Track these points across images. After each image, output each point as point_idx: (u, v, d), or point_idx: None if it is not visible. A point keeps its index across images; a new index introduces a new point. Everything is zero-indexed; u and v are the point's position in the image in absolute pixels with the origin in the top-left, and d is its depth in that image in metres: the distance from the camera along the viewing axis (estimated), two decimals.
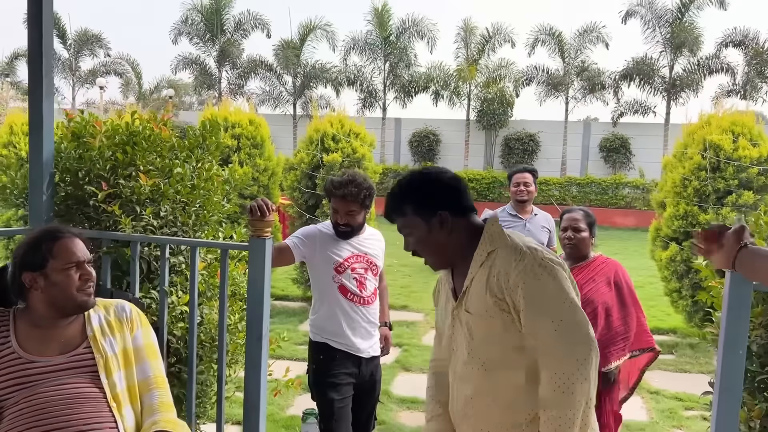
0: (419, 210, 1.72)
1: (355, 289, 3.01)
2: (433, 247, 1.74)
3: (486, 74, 24.65)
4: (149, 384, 1.94)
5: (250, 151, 7.78)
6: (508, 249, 1.66)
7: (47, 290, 1.85)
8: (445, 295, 1.86)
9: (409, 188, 1.77)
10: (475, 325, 1.68)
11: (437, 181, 1.76)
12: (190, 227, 3.08)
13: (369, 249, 3.10)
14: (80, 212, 2.96)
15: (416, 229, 1.73)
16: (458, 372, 1.75)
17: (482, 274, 1.68)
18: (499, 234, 1.72)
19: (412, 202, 1.73)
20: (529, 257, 1.62)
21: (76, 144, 3.00)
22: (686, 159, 6.92)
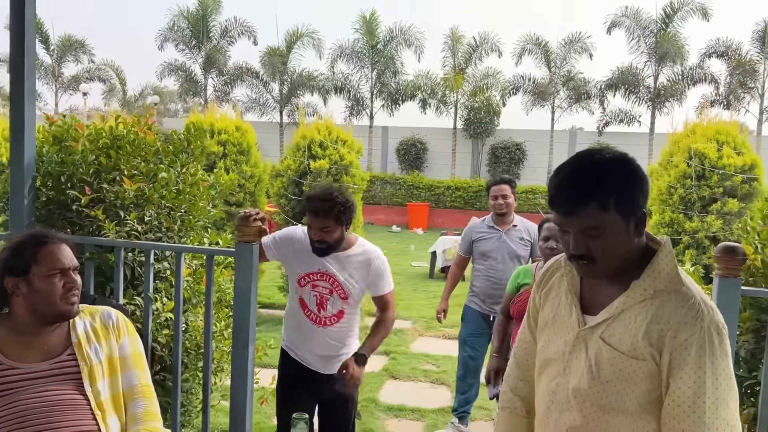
0: (624, 205, 1.36)
1: (313, 307, 2.84)
2: (617, 254, 1.40)
3: (473, 83, 24.79)
4: (135, 393, 1.89)
5: (236, 157, 7.72)
6: (681, 298, 1.39)
7: (29, 297, 1.79)
8: (564, 299, 1.56)
9: (615, 175, 1.38)
10: (611, 362, 1.42)
11: (643, 174, 1.41)
12: (175, 233, 3.04)
13: (340, 271, 2.81)
14: (62, 217, 2.91)
15: (611, 229, 1.37)
16: (561, 397, 1.51)
17: (640, 313, 1.40)
18: (674, 273, 1.42)
19: (620, 194, 1.36)
20: (707, 317, 1.36)
21: (58, 148, 2.95)
22: (672, 167, 6.97)
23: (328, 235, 2.72)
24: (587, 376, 1.45)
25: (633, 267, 1.42)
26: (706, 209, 6.68)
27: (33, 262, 1.79)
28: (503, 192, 4.17)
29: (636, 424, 1.40)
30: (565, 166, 1.44)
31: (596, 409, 1.44)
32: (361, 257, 2.87)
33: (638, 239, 1.42)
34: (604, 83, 24.15)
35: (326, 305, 2.83)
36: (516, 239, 4.15)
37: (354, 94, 25.54)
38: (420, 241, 15.86)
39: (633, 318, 1.41)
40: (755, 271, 2.57)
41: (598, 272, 1.45)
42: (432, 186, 21.45)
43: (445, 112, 25.07)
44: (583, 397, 1.45)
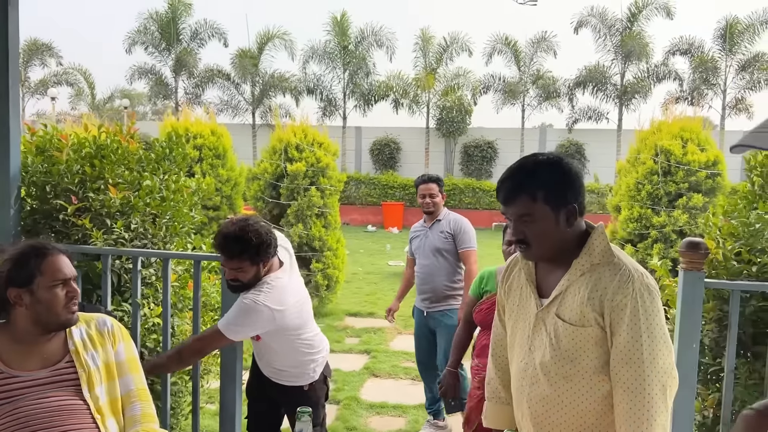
0: (552, 199, 1.60)
1: None
2: (548, 240, 1.63)
3: (444, 83, 24.99)
4: (131, 397, 1.96)
5: (212, 161, 7.75)
6: (614, 267, 1.60)
7: (33, 307, 1.84)
8: (525, 288, 1.77)
9: (546, 173, 1.62)
10: (566, 333, 1.62)
11: (574, 172, 1.64)
12: (161, 239, 3.09)
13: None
14: (48, 226, 2.94)
15: (540, 217, 1.60)
16: (530, 372, 1.70)
17: (582, 285, 1.62)
18: (606, 249, 1.63)
19: (548, 187, 1.60)
20: (637, 281, 1.57)
21: (42, 158, 2.98)
22: (639, 164, 7.20)
23: (242, 275, 2.55)
24: (549, 349, 1.65)
25: (573, 250, 1.65)
26: (672, 204, 6.91)
27: (37, 273, 1.85)
28: (430, 191, 4.25)
29: (595, 386, 1.61)
30: (512, 165, 1.69)
31: (560, 377, 1.64)
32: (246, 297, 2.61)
33: (572, 228, 1.63)
34: (572, 81, 24.55)
35: None
36: (437, 233, 4.22)
37: (326, 94, 25.56)
38: (396, 240, 15.98)
39: (577, 291, 1.62)
40: (717, 264, 2.72)
41: (534, 255, 1.70)
42: (406, 185, 21.58)
43: (417, 112, 25.24)
44: (548, 369, 1.65)
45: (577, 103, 24.83)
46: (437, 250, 4.20)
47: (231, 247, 2.51)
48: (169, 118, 8.81)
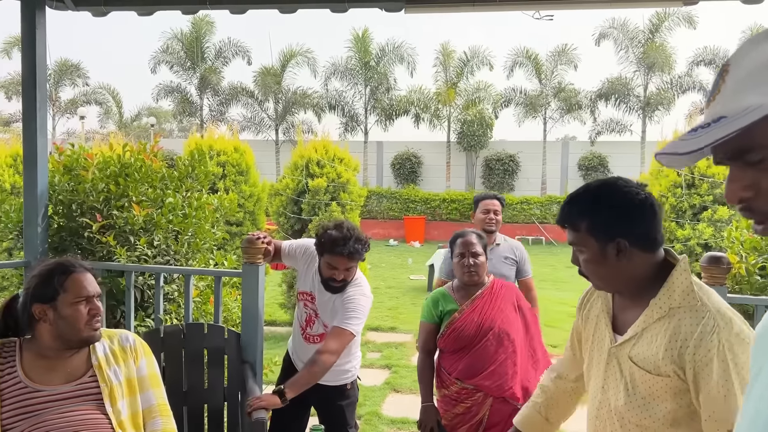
0: (594, 231, 1.50)
1: (302, 322, 2.91)
2: (602, 274, 1.53)
3: (465, 96, 25.02)
4: (153, 412, 1.99)
5: (235, 177, 7.85)
6: (696, 314, 1.44)
7: (56, 323, 1.89)
8: (600, 319, 1.66)
9: (590, 202, 1.53)
10: (641, 380, 1.50)
11: (624, 203, 1.50)
12: (183, 255, 3.15)
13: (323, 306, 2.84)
14: (74, 243, 3.02)
15: (587, 249, 1.52)
16: (603, 413, 1.61)
17: (659, 331, 1.48)
18: (689, 290, 1.47)
19: (589, 219, 1.51)
20: (724, 331, 1.40)
21: (69, 177, 3.06)
22: (662, 176, 7.12)
23: (347, 276, 2.74)
24: (623, 393, 1.53)
25: (649, 286, 1.51)
26: (696, 217, 6.81)
27: (61, 290, 1.90)
28: (494, 206, 3.88)
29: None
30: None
31: (634, 425, 1.52)
32: (339, 299, 2.81)
33: (634, 263, 1.50)
34: (594, 93, 24.42)
35: (312, 324, 2.90)
36: (500, 259, 3.77)
37: (348, 110, 25.75)
38: (417, 254, 15.96)
39: (654, 337, 1.48)
40: (740, 279, 2.69)
41: (595, 285, 1.59)
42: (427, 199, 21.59)
43: (438, 126, 25.28)
44: (622, 415, 1.54)
45: (600, 116, 24.69)
46: (503, 278, 3.58)
47: (360, 250, 2.71)
48: (193, 135, 8.96)
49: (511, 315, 2.86)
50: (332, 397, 2.92)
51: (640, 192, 1.51)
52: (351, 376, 2.95)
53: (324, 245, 2.72)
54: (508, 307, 2.87)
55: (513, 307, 2.90)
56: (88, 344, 1.95)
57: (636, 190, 1.51)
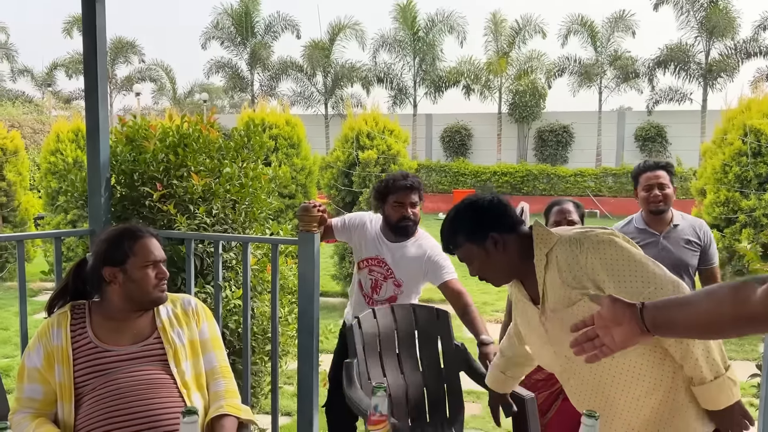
0: (471, 237, 1.80)
1: (368, 290, 2.96)
2: (494, 267, 1.82)
3: (517, 66, 24.53)
4: (215, 373, 2.05)
5: (287, 150, 7.92)
6: (563, 243, 1.72)
7: (125, 285, 1.96)
8: (526, 307, 1.88)
9: (457, 220, 1.85)
10: (568, 318, 1.66)
11: (480, 208, 1.83)
12: (240, 224, 3.19)
13: (396, 262, 2.91)
14: (136, 212, 3.10)
15: (474, 255, 1.81)
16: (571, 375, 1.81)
17: (551, 276, 1.73)
18: (547, 234, 1.77)
19: (463, 232, 1.82)
20: (587, 240, 1.68)
21: (130, 147, 3.13)
22: (726, 145, 6.83)
23: (416, 211, 2.88)
24: (566, 341, 1.59)
25: (529, 258, 1.77)
26: (763, 186, 6.53)
27: (130, 254, 1.96)
28: (660, 179, 3.07)
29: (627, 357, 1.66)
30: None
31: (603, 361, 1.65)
32: (415, 251, 2.92)
33: (509, 248, 1.78)
34: (652, 61, 23.56)
35: (380, 290, 2.95)
36: (680, 243, 3.08)
37: (397, 83, 25.60)
38: None
39: (550, 283, 1.73)
40: None
41: (498, 280, 1.86)
42: (478, 172, 21.39)
43: (489, 97, 24.90)
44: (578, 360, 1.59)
45: (658, 84, 23.85)
46: (684, 267, 3.05)
47: (411, 180, 2.84)
48: (246, 110, 9.07)
49: None
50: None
51: (483, 196, 1.86)
52: None
53: (386, 188, 2.89)
54: None
55: None
56: (155, 305, 2.01)
57: (480, 196, 1.86)
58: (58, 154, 8.48)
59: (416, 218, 2.90)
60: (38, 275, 8.02)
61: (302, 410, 2.87)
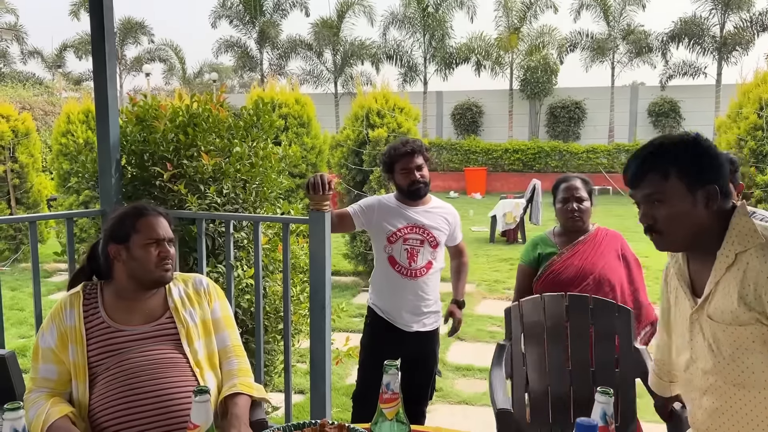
0: (687, 176, 1.43)
1: (404, 261, 2.98)
2: (686, 224, 1.45)
3: (528, 42, 24.23)
4: (228, 352, 2.05)
5: (297, 130, 7.90)
6: (762, 253, 1.39)
7: (128, 263, 1.97)
8: (679, 291, 1.62)
9: (679, 149, 1.46)
10: (723, 336, 1.45)
11: (712, 150, 1.47)
12: (251, 204, 3.19)
13: (428, 221, 3.00)
14: (147, 192, 3.10)
15: (675, 197, 1.43)
16: (697, 383, 1.56)
17: (730, 280, 1.43)
18: (751, 231, 1.43)
19: (682, 164, 1.43)
20: None
21: (140, 127, 3.12)
22: (741, 119, 6.73)
23: (423, 173, 2.94)
24: (709, 355, 1.48)
25: (718, 239, 1.46)
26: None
27: (133, 231, 1.97)
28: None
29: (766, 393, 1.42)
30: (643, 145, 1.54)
31: (731, 386, 1.46)
32: (441, 210, 3.09)
33: (713, 212, 1.44)
34: (666, 35, 23.18)
35: (417, 257, 2.97)
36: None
37: (407, 60, 25.38)
38: (479, 206, 15.82)
39: (725, 287, 1.43)
40: None
41: (669, 244, 1.52)
42: (489, 150, 21.26)
43: (500, 74, 24.65)
44: (714, 378, 1.48)
45: (672, 58, 23.50)
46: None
47: (411, 145, 2.92)
48: (255, 89, 9.03)
49: (614, 262, 2.77)
50: (426, 341, 3.07)
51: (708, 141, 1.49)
52: (439, 317, 3.13)
53: (390, 158, 2.97)
54: (612, 254, 2.79)
55: (617, 254, 2.80)
56: (159, 285, 2.01)
57: (706, 139, 1.50)
58: (69, 136, 8.51)
59: (425, 179, 2.96)
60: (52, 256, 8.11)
61: (315, 388, 2.89)
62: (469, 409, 4.07)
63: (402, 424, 1.20)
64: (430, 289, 3.05)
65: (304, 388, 4.09)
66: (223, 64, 32.28)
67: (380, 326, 3.05)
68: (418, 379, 3.11)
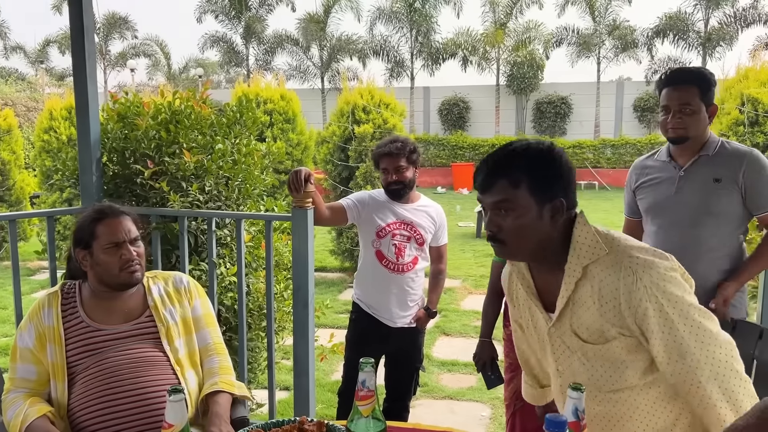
0: (537, 188, 1.39)
1: (392, 255, 3.00)
2: (529, 237, 1.42)
3: (514, 37, 24.28)
4: (209, 350, 2.05)
5: (282, 126, 7.87)
6: (612, 266, 1.39)
7: (94, 268, 1.96)
8: (529, 303, 1.58)
9: (532, 159, 1.41)
10: (593, 351, 1.45)
11: (563, 161, 1.43)
12: (234, 201, 3.18)
13: (416, 218, 3.03)
14: (128, 190, 3.08)
15: (521, 208, 1.39)
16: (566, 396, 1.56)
17: (586, 296, 1.42)
18: (593, 242, 1.42)
19: (532, 176, 1.39)
20: (644, 273, 1.36)
21: (121, 125, 3.10)
22: (723, 114, 6.79)
23: (403, 174, 2.95)
24: (581, 369, 1.48)
25: (562, 251, 1.44)
26: None
27: (93, 236, 1.95)
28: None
29: (649, 393, 1.45)
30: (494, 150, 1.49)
31: (605, 393, 1.47)
32: (429, 208, 3.11)
33: (558, 224, 1.42)
34: (651, 30, 23.34)
35: (404, 253, 3.00)
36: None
37: (393, 55, 25.36)
38: (465, 201, 15.86)
39: (584, 303, 1.42)
40: None
41: (510, 253, 1.48)
42: (476, 145, 21.30)
43: (487, 69, 24.71)
44: (589, 388, 1.47)
45: (657, 54, 23.66)
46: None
47: (393, 146, 2.93)
48: (240, 85, 8.97)
49: None
50: (410, 336, 3.10)
51: (565, 153, 1.45)
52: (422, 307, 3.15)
53: (376, 154, 3.01)
54: None
55: None
56: (127, 287, 1.99)
57: (563, 151, 1.45)
58: (52, 132, 8.43)
59: (405, 181, 2.96)
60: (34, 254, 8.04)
61: (299, 385, 2.90)
62: (455, 404, 4.09)
63: (378, 421, 1.21)
64: (415, 284, 3.07)
65: (289, 384, 4.09)
66: (209, 59, 32.08)
67: (365, 322, 3.06)
68: (402, 374, 3.12)
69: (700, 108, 2.35)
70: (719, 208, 2.33)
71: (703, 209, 2.34)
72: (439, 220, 3.13)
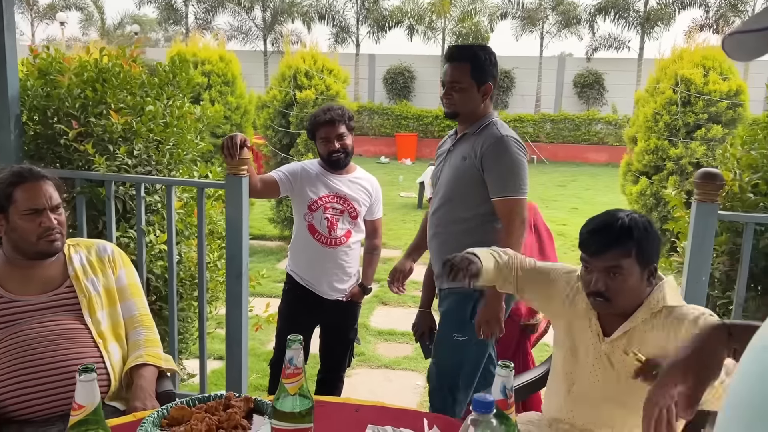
0: (643, 257, 1.65)
1: (324, 230, 2.95)
2: (631, 297, 1.68)
3: (461, 8, 24.23)
4: (134, 322, 1.97)
5: (221, 88, 7.61)
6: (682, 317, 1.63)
7: (9, 234, 1.83)
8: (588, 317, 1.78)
9: (641, 231, 1.65)
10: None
11: (658, 235, 1.71)
12: (165, 166, 3.05)
13: (350, 191, 2.98)
14: (51, 152, 2.91)
15: (630, 274, 1.65)
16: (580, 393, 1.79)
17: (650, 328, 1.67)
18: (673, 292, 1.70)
19: (640, 247, 1.64)
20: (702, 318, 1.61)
21: (43, 81, 2.91)
22: (658, 93, 6.98)
23: (344, 142, 2.90)
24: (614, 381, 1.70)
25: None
26: (690, 136, 6.74)
27: (10, 201, 1.82)
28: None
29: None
30: (599, 216, 1.72)
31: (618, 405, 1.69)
32: (364, 181, 3.05)
33: (651, 285, 1.69)
34: (593, 7, 23.72)
35: (336, 227, 2.95)
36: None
37: (339, 20, 24.92)
38: (408, 172, 15.90)
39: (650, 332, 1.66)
40: (733, 196, 2.65)
41: (612, 309, 1.69)
42: (420, 116, 21.28)
43: (432, 39, 24.62)
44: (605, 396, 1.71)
45: (598, 31, 24.11)
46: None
47: (334, 113, 2.87)
48: (177, 44, 8.60)
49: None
50: (345, 309, 3.07)
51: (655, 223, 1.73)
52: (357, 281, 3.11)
53: (311, 124, 2.95)
54: None
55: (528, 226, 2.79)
56: (45, 257, 1.88)
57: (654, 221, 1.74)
58: None
59: (346, 149, 2.92)
60: None
61: (231, 355, 2.85)
62: (391, 373, 4.12)
63: (305, 398, 1.18)
64: (350, 258, 3.02)
65: (223, 354, 4.02)
66: (146, 15, 30.72)
67: (299, 293, 3.02)
68: (336, 347, 3.11)
69: (471, 85, 2.45)
70: (461, 185, 2.43)
71: (453, 185, 2.46)
72: (375, 193, 3.08)
